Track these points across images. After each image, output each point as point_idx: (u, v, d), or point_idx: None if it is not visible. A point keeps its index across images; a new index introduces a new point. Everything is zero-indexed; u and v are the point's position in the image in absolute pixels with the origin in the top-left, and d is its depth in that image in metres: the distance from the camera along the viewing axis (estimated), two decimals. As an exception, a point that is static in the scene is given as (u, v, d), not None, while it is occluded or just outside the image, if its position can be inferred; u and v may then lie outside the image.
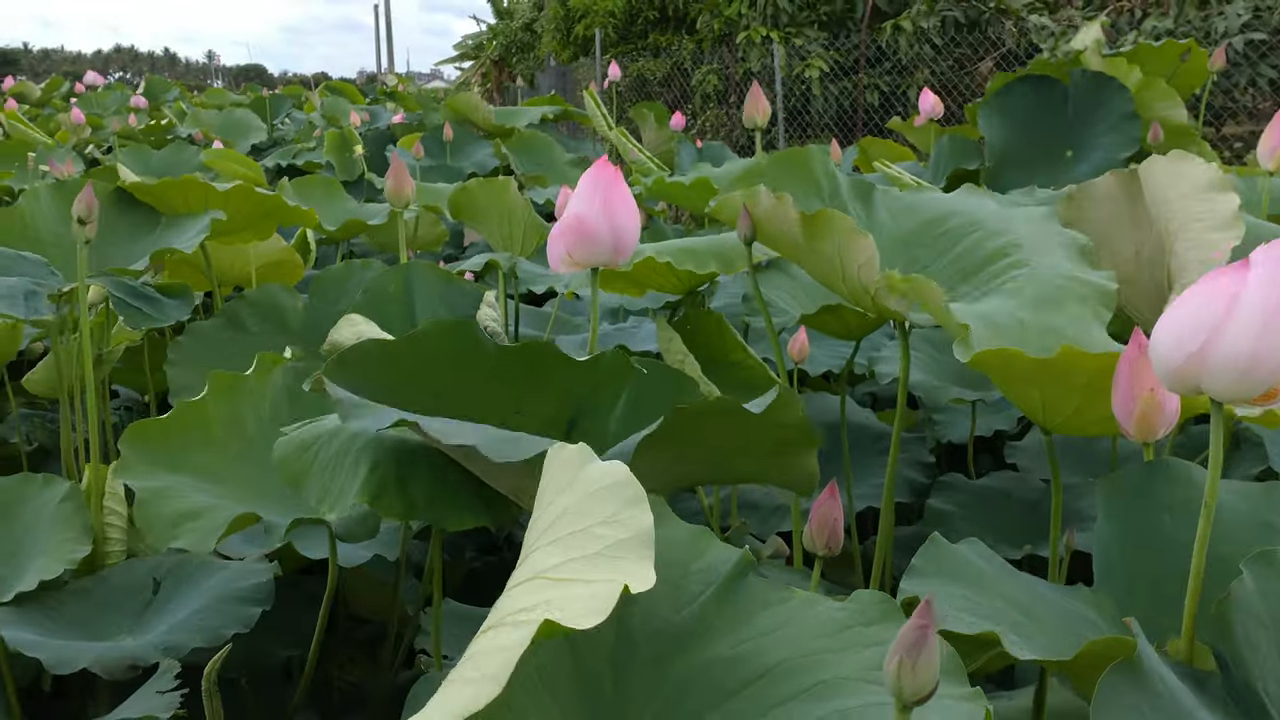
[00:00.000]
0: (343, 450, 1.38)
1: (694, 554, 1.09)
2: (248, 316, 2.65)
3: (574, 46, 14.16)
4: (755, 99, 2.24)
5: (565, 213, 1.57)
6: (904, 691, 0.76)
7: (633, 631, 1.04)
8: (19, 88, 10.24)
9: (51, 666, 1.58)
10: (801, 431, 1.38)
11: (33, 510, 1.96)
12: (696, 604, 1.05)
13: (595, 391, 1.55)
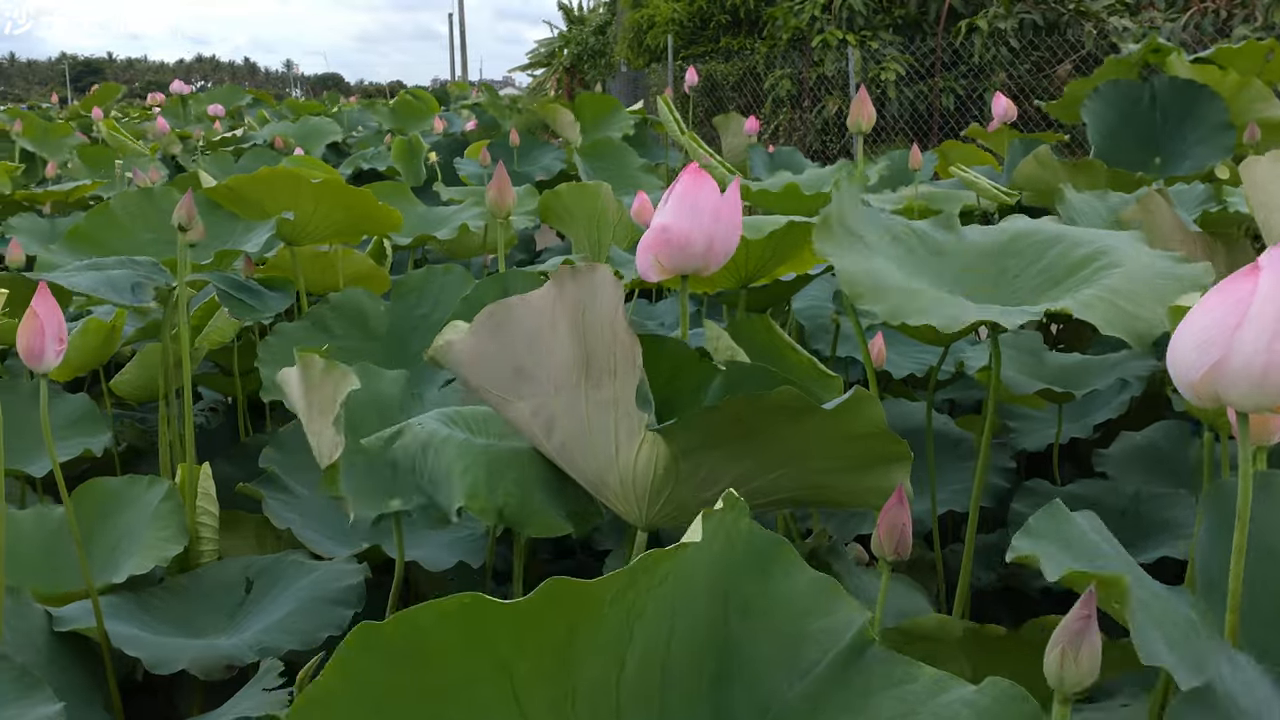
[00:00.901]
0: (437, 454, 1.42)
1: (814, 611, 0.95)
2: (332, 320, 2.70)
3: (647, 52, 14.19)
4: (861, 104, 2.22)
5: (653, 221, 1.56)
6: (1065, 682, 0.76)
7: (738, 700, 0.92)
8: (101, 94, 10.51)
9: (151, 666, 1.62)
10: (885, 439, 1.33)
11: (135, 510, 2.02)
12: (811, 677, 0.92)
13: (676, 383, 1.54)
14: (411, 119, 8.71)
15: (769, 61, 12.30)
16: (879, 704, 0.90)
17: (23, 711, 1.25)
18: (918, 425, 2.53)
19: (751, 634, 0.93)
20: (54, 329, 1.47)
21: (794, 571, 0.97)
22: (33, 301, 1.47)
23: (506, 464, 1.41)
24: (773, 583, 0.96)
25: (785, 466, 1.38)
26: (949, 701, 0.88)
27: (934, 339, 2.21)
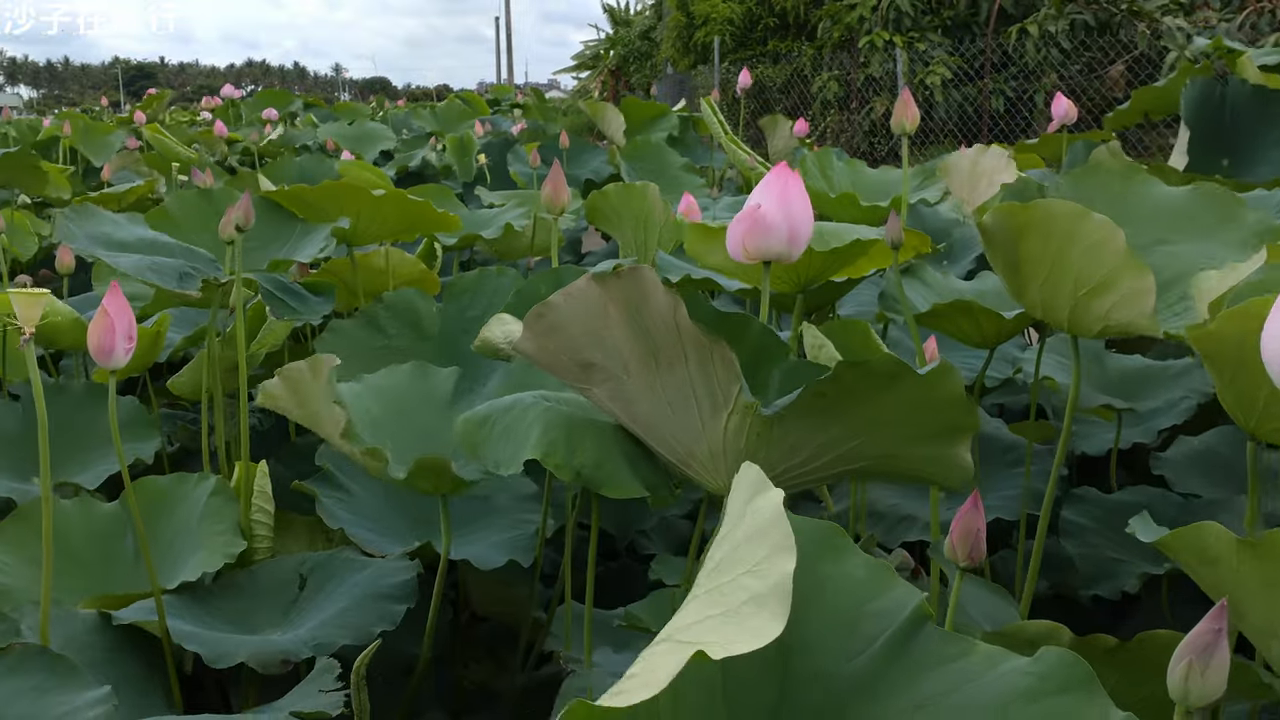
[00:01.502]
0: (519, 418, 1.47)
1: (871, 594, 0.98)
2: (385, 319, 2.73)
3: (693, 54, 14.19)
4: (905, 105, 2.21)
5: (748, 201, 1.63)
6: (1190, 696, 0.74)
7: (798, 676, 0.96)
8: (151, 100, 10.67)
9: (210, 660, 1.65)
10: (963, 409, 1.36)
11: (186, 508, 2.05)
12: (868, 654, 0.95)
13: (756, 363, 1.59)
14: (457, 122, 8.77)
15: (816, 64, 12.25)
16: (937, 675, 0.93)
17: (69, 698, 1.27)
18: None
19: (810, 615, 0.96)
20: (124, 327, 1.50)
21: (848, 557, 1.00)
22: (104, 300, 1.49)
23: (587, 429, 1.46)
24: (828, 568, 0.99)
25: (866, 434, 1.40)
26: (1006, 671, 0.91)
27: (980, 342, 2.19)
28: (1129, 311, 1.46)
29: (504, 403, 1.53)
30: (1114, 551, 2.20)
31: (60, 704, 1.27)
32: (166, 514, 2.06)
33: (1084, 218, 1.43)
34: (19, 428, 2.56)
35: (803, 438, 1.37)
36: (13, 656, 1.33)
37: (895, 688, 0.93)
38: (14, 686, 1.30)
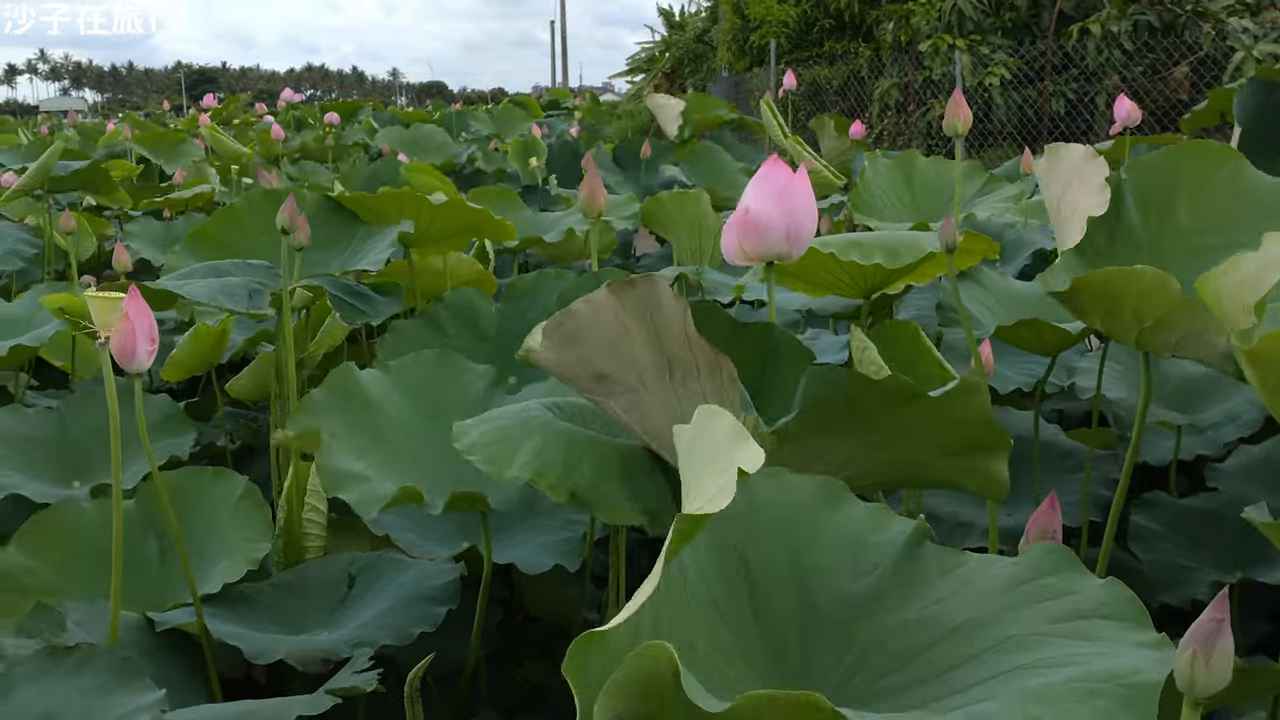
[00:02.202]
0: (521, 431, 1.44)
1: (872, 529, 1.13)
2: (445, 319, 2.74)
3: (749, 57, 14.16)
4: (957, 106, 2.18)
5: (739, 205, 1.59)
6: (1195, 686, 0.74)
7: (814, 599, 1.08)
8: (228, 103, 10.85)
9: (251, 657, 1.66)
10: (987, 428, 1.35)
11: (213, 507, 2.05)
12: (875, 573, 1.08)
13: (771, 369, 1.57)
14: (512, 124, 8.83)
15: (874, 66, 12.17)
16: (941, 584, 1.06)
17: (126, 700, 1.28)
18: (1023, 436, 2.47)
19: (818, 547, 1.12)
20: (144, 329, 1.50)
21: (852, 505, 1.15)
22: (124, 303, 1.50)
23: (586, 449, 1.42)
24: (831, 513, 1.15)
25: (886, 449, 1.40)
26: (1000, 566, 1.05)
27: (1041, 349, 2.16)
28: (1198, 349, 1.45)
29: (519, 418, 1.49)
30: (1184, 559, 2.15)
31: (117, 706, 1.28)
32: (192, 513, 2.06)
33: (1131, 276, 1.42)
34: (56, 433, 2.58)
35: (816, 454, 1.37)
36: (79, 657, 1.34)
37: (907, 594, 1.06)
38: (77, 685, 1.31)
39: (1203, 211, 1.75)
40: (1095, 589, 0.97)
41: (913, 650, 1.01)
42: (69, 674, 1.32)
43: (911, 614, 1.03)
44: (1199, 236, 1.73)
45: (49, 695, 1.30)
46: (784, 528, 1.13)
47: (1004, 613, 0.99)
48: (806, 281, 2.23)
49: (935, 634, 1.01)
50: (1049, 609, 0.97)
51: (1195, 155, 1.78)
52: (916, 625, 1.02)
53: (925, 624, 1.02)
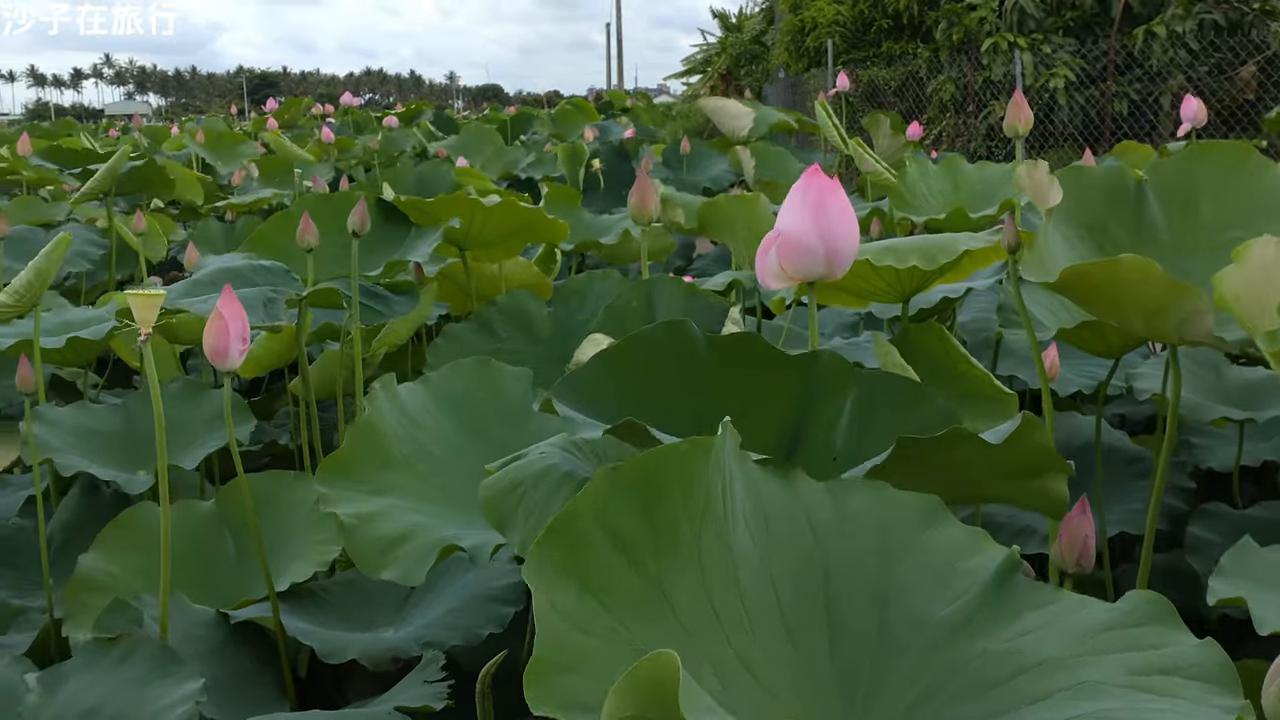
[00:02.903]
0: (552, 492, 1.34)
1: (966, 554, 1.08)
2: (498, 322, 2.77)
3: (805, 58, 14.08)
4: (1018, 106, 2.16)
5: (776, 224, 1.49)
6: None
7: (894, 622, 1.05)
8: (288, 106, 10.99)
9: (323, 655, 1.69)
10: (1048, 458, 1.31)
11: (286, 508, 2.09)
12: (962, 600, 1.04)
13: (817, 398, 1.49)
14: (570, 126, 8.86)
15: (932, 66, 12.05)
16: (1026, 617, 1.01)
17: (167, 690, 1.30)
18: (1087, 441, 2.44)
19: (906, 567, 1.07)
20: (238, 329, 1.54)
21: (950, 527, 1.10)
22: (218, 303, 1.54)
23: None
24: (926, 533, 1.09)
25: (947, 475, 1.37)
26: (1093, 609, 1.00)
27: (1104, 351, 2.13)
28: (1196, 330, 1.44)
29: (534, 468, 1.39)
30: (1245, 571, 2.11)
31: (158, 696, 1.30)
32: (268, 513, 2.10)
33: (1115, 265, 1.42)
34: (122, 426, 2.66)
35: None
36: (124, 647, 1.37)
37: (990, 625, 1.02)
38: (122, 676, 1.34)
39: (1227, 206, 1.75)
40: (1188, 647, 0.94)
41: (987, 683, 0.98)
42: (115, 665, 1.35)
43: (993, 645, 1.01)
44: (1224, 231, 1.72)
45: (96, 688, 1.33)
46: (875, 542, 1.09)
47: (1085, 657, 0.96)
48: (848, 292, 2.20)
49: (1012, 669, 0.98)
50: (1133, 659, 0.94)
51: (1217, 153, 1.79)
52: (995, 658, 0.99)
53: (1004, 658, 0.99)
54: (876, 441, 1.36)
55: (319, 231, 2.53)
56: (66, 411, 2.58)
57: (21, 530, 2.45)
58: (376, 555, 1.61)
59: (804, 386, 1.48)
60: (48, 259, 2.26)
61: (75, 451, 2.42)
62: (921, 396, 1.48)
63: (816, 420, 1.49)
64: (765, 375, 1.50)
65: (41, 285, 2.26)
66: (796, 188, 1.46)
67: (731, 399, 1.49)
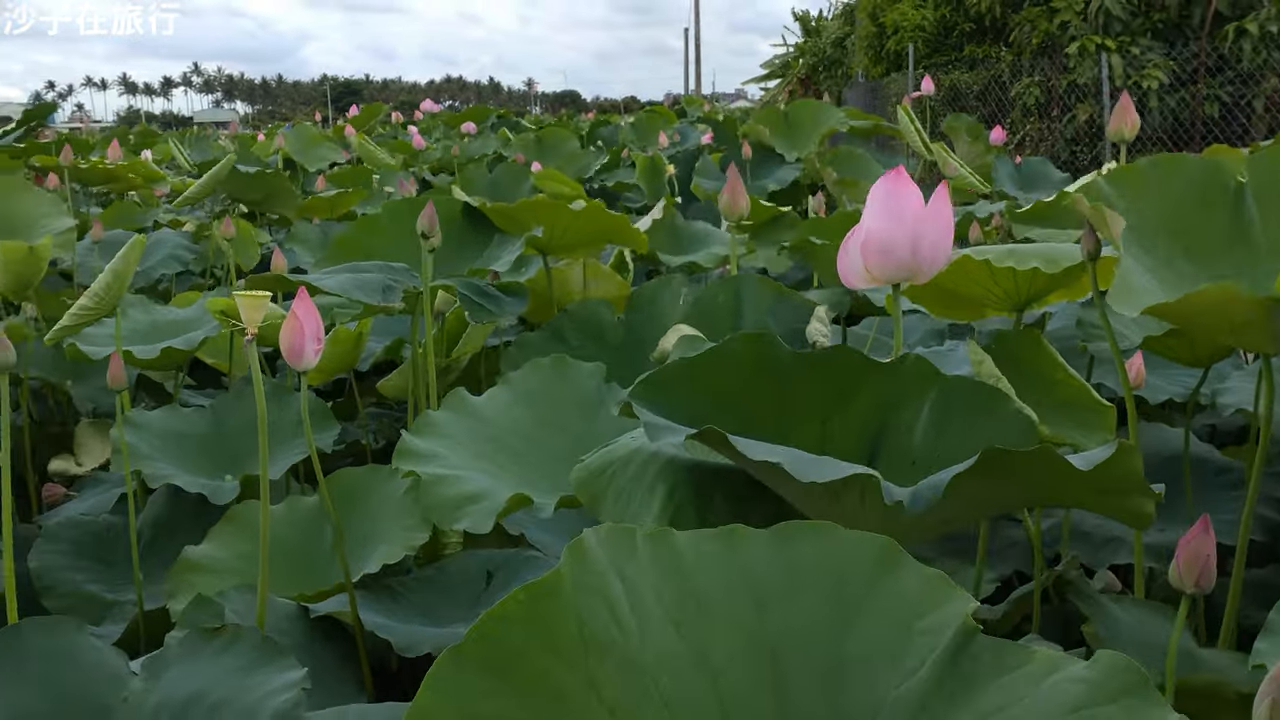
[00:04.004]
0: (639, 474, 1.38)
1: (922, 609, 0.96)
2: (569, 330, 2.79)
3: (885, 62, 13.96)
4: (1124, 111, 2.10)
5: (859, 225, 1.48)
6: None
7: (848, 708, 0.93)
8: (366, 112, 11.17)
9: (400, 649, 1.71)
10: (1136, 483, 1.28)
11: (380, 500, 2.14)
12: (919, 676, 0.92)
13: (899, 403, 1.49)
14: (649, 132, 8.88)
15: (1015, 69, 11.87)
16: (986, 693, 0.90)
17: (269, 678, 1.32)
18: (1174, 452, 2.38)
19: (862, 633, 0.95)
20: (312, 329, 1.56)
21: (906, 573, 0.98)
22: (293, 304, 1.56)
23: (716, 481, 1.37)
24: (882, 582, 0.98)
25: (1020, 494, 1.36)
26: (1059, 680, 0.88)
27: (1192, 360, 2.08)
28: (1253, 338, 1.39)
29: (622, 450, 1.43)
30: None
31: (260, 685, 1.32)
32: (362, 505, 2.16)
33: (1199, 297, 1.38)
34: (209, 430, 2.72)
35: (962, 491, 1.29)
36: (225, 637, 1.40)
37: (949, 707, 0.90)
38: (224, 665, 1.37)
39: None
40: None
41: None
42: (216, 654, 1.38)
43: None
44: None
45: (197, 675, 1.36)
46: (828, 600, 0.97)
47: None
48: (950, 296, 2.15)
49: None
50: None
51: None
52: None
53: None
54: (952, 446, 1.34)
55: (401, 235, 2.57)
56: (155, 416, 2.65)
57: (112, 527, 2.53)
58: (451, 510, 1.71)
59: (887, 392, 1.47)
60: (125, 261, 2.31)
61: (163, 457, 2.48)
62: (998, 402, 1.47)
63: (896, 426, 1.48)
64: (849, 383, 1.49)
65: (120, 287, 2.32)
66: (878, 187, 1.45)
67: (814, 406, 1.49)
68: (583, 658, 0.90)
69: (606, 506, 1.37)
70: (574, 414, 1.98)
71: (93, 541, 2.47)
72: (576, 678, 0.89)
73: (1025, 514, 2.26)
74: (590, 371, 2.08)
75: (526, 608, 0.91)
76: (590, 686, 0.89)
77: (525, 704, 0.88)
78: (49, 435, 3.51)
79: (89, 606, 2.26)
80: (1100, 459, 1.19)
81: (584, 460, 1.46)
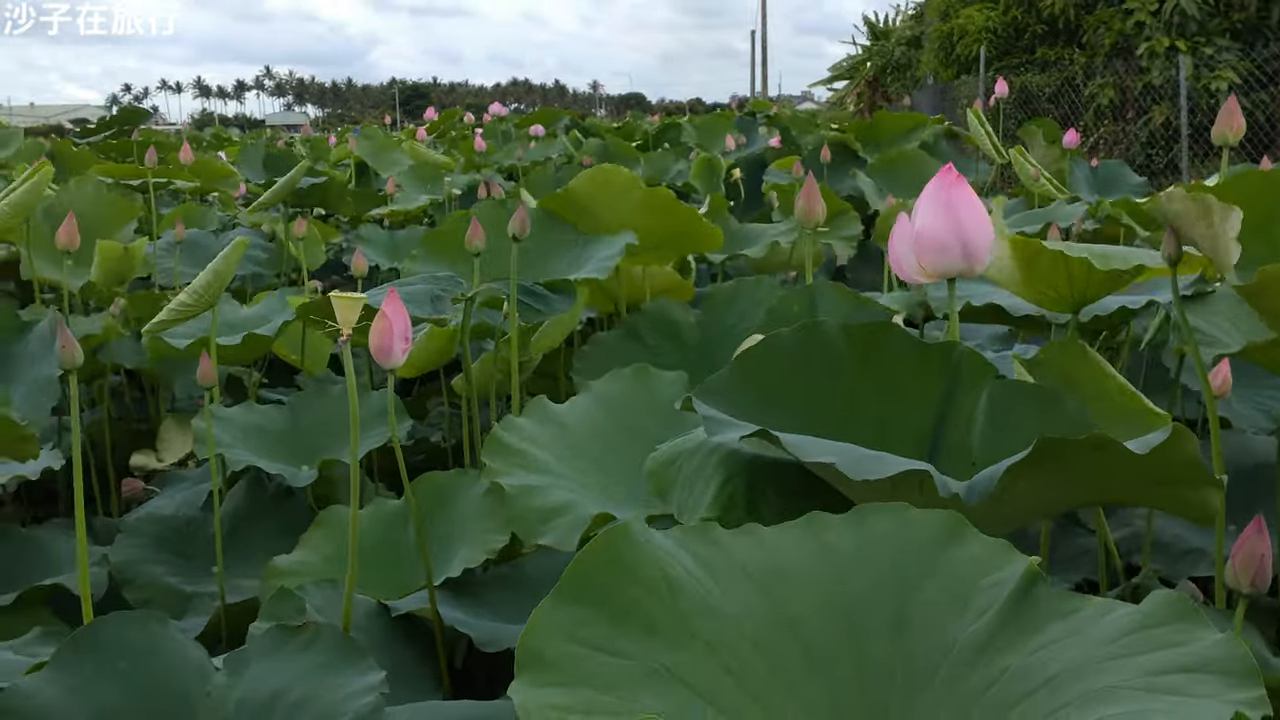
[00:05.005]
0: (701, 465, 1.43)
1: (988, 569, 1.07)
2: (644, 330, 2.79)
3: (955, 64, 13.82)
4: (1230, 114, 2.04)
5: (912, 222, 1.56)
6: None
7: (917, 652, 1.03)
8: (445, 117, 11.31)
9: (480, 644, 1.74)
10: (1192, 469, 1.28)
11: (463, 503, 2.17)
12: (984, 618, 1.03)
13: (955, 395, 1.53)
14: (714, 135, 8.85)
15: (1089, 71, 11.68)
16: (1049, 630, 0.99)
17: (350, 679, 1.34)
18: (1261, 460, 2.32)
19: (928, 594, 1.06)
20: (401, 329, 1.59)
21: (971, 543, 1.09)
22: (383, 305, 1.59)
23: (770, 475, 1.40)
24: (948, 551, 1.08)
25: (1091, 481, 1.35)
26: (1115, 615, 0.98)
27: (1284, 368, 2.01)
28: None
29: (690, 443, 1.49)
30: None
31: (341, 685, 1.33)
32: (447, 507, 2.19)
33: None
34: (288, 425, 2.80)
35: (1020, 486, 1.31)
36: (306, 635, 1.42)
37: (1013, 642, 1.00)
38: (305, 663, 1.39)
39: None
40: (1208, 644, 0.91)
41: (1006, 703, 0.96)
42: (298, 652, 1.40)
43: (1015, 660, 0.98)
44: None
45: (279, 672, 1.37)
46: (895, 568, 1.08)
47: (1104, 663, 0.94)
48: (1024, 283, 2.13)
49: (1031, 684, 0.96)
50: (1151, 661, 0.92)
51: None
52: (1016, 675, 0.97)
53: (1024, 673, 0.97)
54: (1010, 446, 1.34)
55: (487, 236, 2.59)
56: (236, 411, 2.71)
57: (192, 522, 2.59)
58: (536, 523, 1.73)
59: (942, 383, 1.52)
60: (226, 261, 2.37)
61: (244, 447, 2.55)
62: (1055, 401, 1.49)
63: (955, 423, 1.51)
64: (903, 372, 1.53)
65: (220, 286, 2.38)
66: (930, 188, 1.52)
67: (871, 403, 1.53)
68: (669, 596, 1.01)
69: (674, 496, 1.44)
70: (654, 422, 1.98)
71: (172, 535, 2.53)
72: (666, 612, 1.00)
73: (1100, 518, 2.23)
74: (671, 380, 2.10)
75: (606, 549, 1.03)
76: (680, 621, 1.00)
77: (621, 630, 0.98)
78: (129, 431, 3.60)
79: (169, 599, 2.32)
80: (1156, 442, 1.21)
81: (657, 450, 1.53)
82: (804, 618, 1.04)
